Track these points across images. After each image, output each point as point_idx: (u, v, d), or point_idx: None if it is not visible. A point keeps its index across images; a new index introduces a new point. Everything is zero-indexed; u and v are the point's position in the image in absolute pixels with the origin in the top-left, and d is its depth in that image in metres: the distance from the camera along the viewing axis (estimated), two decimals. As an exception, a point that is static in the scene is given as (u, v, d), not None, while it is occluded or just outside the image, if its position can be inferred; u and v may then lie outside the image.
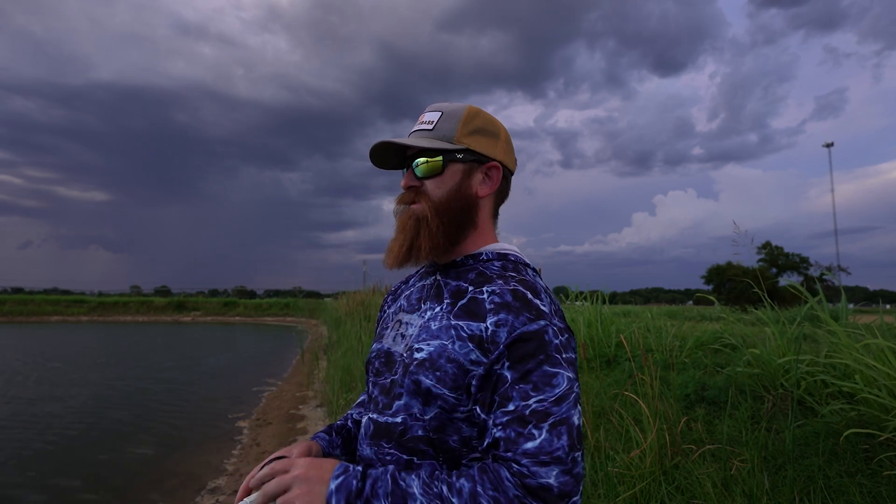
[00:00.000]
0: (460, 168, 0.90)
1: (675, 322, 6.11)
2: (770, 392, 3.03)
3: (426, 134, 0.91)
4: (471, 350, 0.79)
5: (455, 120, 0.91)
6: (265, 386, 9.67)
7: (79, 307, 38.73)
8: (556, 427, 0.72)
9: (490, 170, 0.92)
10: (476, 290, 0.83)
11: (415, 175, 0.91)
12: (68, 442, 6.03)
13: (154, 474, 4.94)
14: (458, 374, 0.79)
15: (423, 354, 0.82)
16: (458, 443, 0.80)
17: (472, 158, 0.91)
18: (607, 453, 2.78)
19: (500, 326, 0.77)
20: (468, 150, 0.90)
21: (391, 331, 0.95)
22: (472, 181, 0.91)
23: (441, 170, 0.90)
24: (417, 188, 0.91)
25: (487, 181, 0.92)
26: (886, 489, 2.01)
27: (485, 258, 0.91)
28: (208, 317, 38.83)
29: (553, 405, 0.73)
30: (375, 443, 0.86)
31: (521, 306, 0.78)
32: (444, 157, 0.89)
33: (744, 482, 2.27)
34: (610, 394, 3.63)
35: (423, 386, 0.80)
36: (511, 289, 0.81)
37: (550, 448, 0.71)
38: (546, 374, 0.75)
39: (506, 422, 0.74)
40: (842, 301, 3.46)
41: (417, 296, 0.95)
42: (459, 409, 0.80)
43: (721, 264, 26.89)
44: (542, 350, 0.76)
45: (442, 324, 0.83)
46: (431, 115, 0.93)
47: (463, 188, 0.90)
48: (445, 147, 0.89)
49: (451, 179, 0.90)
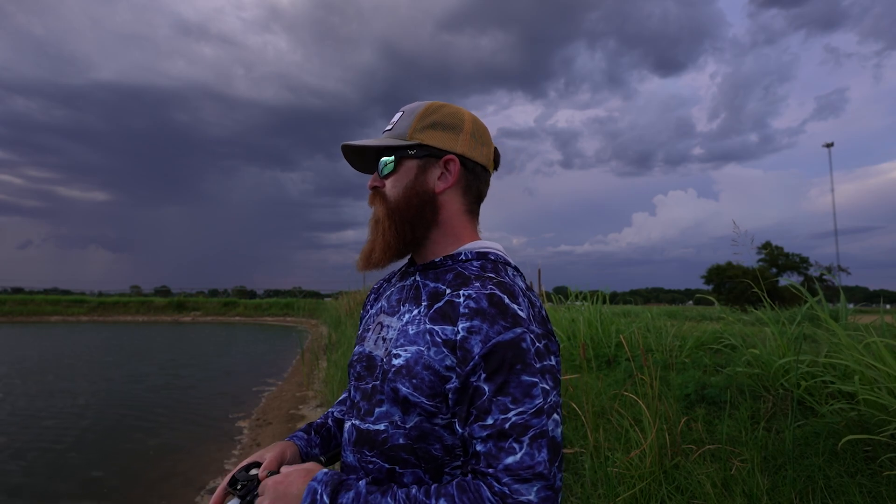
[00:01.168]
0: (414, 164, 0.88)
1: (675, 322, 6.12)
2: (770, 392, 3.03)
3: (388, 134, 0.91)
4: (445, 355, 0.76)
5: (411, 116, 0.89)
6: (265, 386, 9.67)
7: (79, 307, 38.70)
8: (536, 440, 0.71)
9: (448, 163, 0.88)
10: (453, 294, 0.80)
11: (379, 176, 0.91)
12: (67, 442, 6.02)
13: (154, 474, 4.94)
14: (435, 382, 0.76)
15: (401, 361, 0.79)
16: (440, 451, 0.78)
17: (425, 153, 0.87)
18: (607, 453, 2.78)
19: (473, 334, 0.74)
20: (420, 144, 0.87)
21: (372, 333, 0.92)
22: (427, 177, 0.88)
23: (394, 168, 0.88)
24: (377, 189, 0.91)
25: (446, 176, 0.88)
26: (886, 489, 2.01)
27: (463, 258, 0.87)
28: (208, 317, 38.80)
29: (532, 417, 0.71)
30: (358, 450, 0.84)
31: (497, 313, 0.75)
32: (395, 154, 0.88)
33: (744, 482, 2.27)
34: (610, 394, 3.63)
35: (400, 394, 0.78)
36: (487, 293, 0.76)
37: (532, 462, 0.70)
38: (524, 384, 0.72)
39: (485, 436, 0.72)
40: (841, 301, 3.46)
41: (397, 297, 0.92)
42: (439, 417, 0.77)
43: (721, 264, 26.95)
44: (519, 359, 0.73)
45: (419, 328, 0.81)
46: (396, 115, 0.92)
47: (418, 185, 0.87)
48: (397, 143, 0.87)
49: (405, 177, 0.88)
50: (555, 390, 0.76)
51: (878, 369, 2.35)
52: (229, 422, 6.95)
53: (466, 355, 0.74)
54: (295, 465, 0.82)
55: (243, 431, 6.40)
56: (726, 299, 22.55)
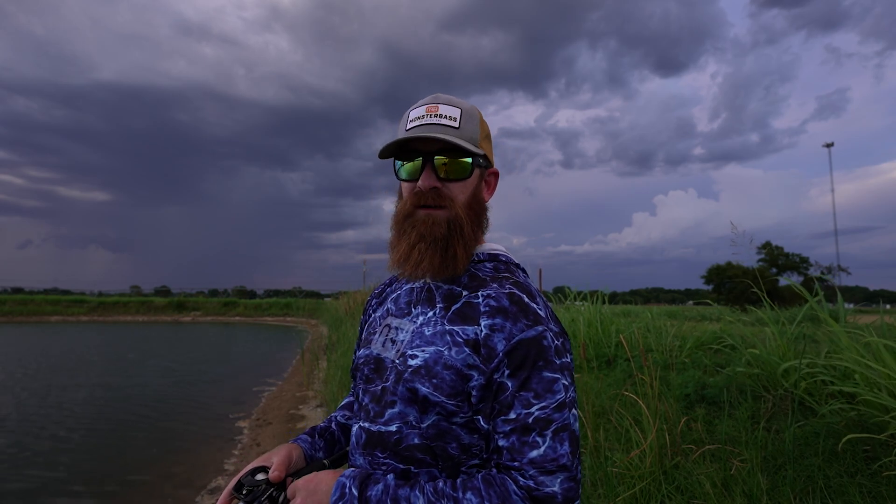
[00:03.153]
0: (478, 173, 0.89)
1: (675, 322, 6.11)
2: (770, 392, 3.03)
3: (452, 133, 0.83)
4: (468, 354, 0.77)
5: (475, 122, 0.87)
6: (265, 386, 9.67)
7: (79, 307, 38.71)
8: (558, 434, 0.73)
9: (490, 176, 0.93)
10: (471, 295, 0.82)
11: (436, 175, 0.84)
12: (67, 442, 6.02)
13: (154, 474, 4.94)
14: (457, 381, 0.77)
15: (419, 361, 0.80)
16: (457, 450, 0.79)
17: (485, 164, 0.90)
18: (607, 453, 2.78)
19: (496, 332, 0.76)
20: (485, 156, 0.88)
21: (379, 336, 0.92)
22: (481, 187, 0.90)
23: (469, 173, 0.86)
24: (439, 190, 0.84)
25: (487, 187, 0.92)
26: (886, 489, 2.01)
27: (476, 259, 0.88)
28: (208, 317, 38.80)
29: (555, 412, 0.74)
30: (369, 452, 0.84)
31: (519, 311, 0.77)
32: (473, 160, 0.86)
33: (744, 482, 2.26)
34: (610, 394, 3.63)
35: (419, 394, 0.78)
36: (507, 292, 0.79)
37: (555, 455, 0.72)
38: (546, 380, 0.75)
39: (508, 430, 0.74)
40: (839, 301, 3.46)
41: (406, 299, 0.91)
42: (458, 416, 0.78)
43: (721, 264, 26.96)
44: (541, 356, 0.76)
45: (436, 329, 0.81)
46: (450, 109, 0.85)
47: (477, 193, 0.89)
48: (474, 150, 0.85)
49: (472, 184, 0.87)
50: (572, 386, 0.78)
51: (877, 370, 2.35)
52: (229, 422, 6.95)
53: (491, 352, 0.76)
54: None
55: (243, 431, 6.40)
56: (726, 299, 22.55)
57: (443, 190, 0.84)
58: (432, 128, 0.83)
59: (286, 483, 0.85)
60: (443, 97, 0.88)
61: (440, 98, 0.88)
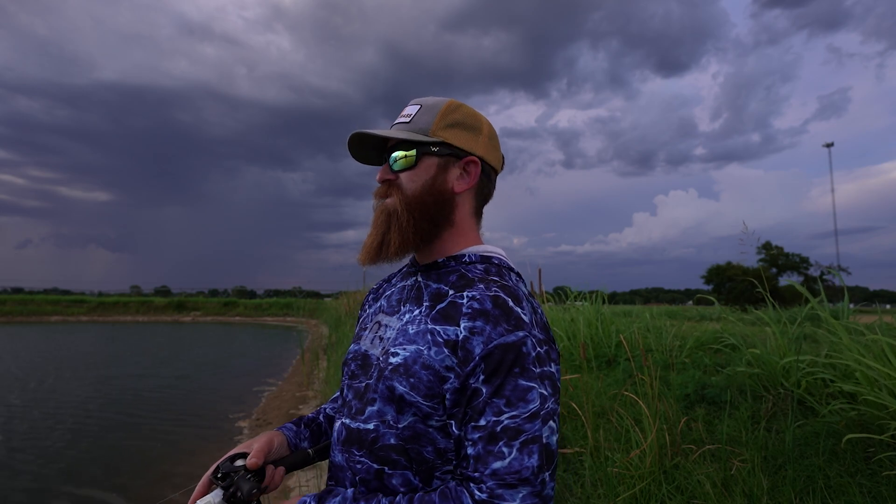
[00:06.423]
0: (435, 162, 0.87)
1: (675, 322, 6.12)
2: (770, 392, 3.03)
3: (404, 127, 0.88)
4: (447, 356, 0.75)
5: (433, 113, 0.88)
6: (265, 386, 9.68)
7: (79, 307, 38.74)
8: (527, 445, 0.70)
9: (468, 165, 0.88)
10: (456, 295, 0.80)
11: (390, 168, 0.88)
12: (68, 442, 6.03)
13: (154, 474, 4.94)
14: (434, 382, 0.75)
15: (398, 359, 0.79)
16: (432, 454, 0.77)
17: (448, 152, 0.87)
18: (607, 453, 2.78)
19: (475, 335, 0.74)
20: (444, 143, 0.87)
21: (369, 332, 0.92)
22: (447, 176, 0.87)
23: (415, 163, 0.86)
24: (391, 181, 0.88)
25: (465, 177, 0.88)
26: (886, 489, 2.01)
27: (467, 260, 0.87)
28: (208, 317, 38.81)
29: (526, 422, 0.70)
30: (347, 449, 0.83)
31: (501, 315, 0.74)
32: (417, 149, 0.86)
33: (744, 482, 2.26)
34: (610, 394, 3.63)
35: (396, 392, 0.77)
36: (492, 295, 0.76)
37: (519, 467, 0.69)
38: (520, 388, 0.71)
39: (476, 438, 0.71)
40: (844, 300, 3.46)
41: (398, 297, 0.91)
42: (434, 418, 0.76)
43: (721, 264, 26.92)
44: (518, 363, 0.72)
45: (419, 328, 0.80)
46: (411, 108, 0.90)
47: (438, 183, 0.87)
48: (420, 139, 0.86)
49: (425, 173, 0.86)
50: (553, 397, 0.75)
51: (878, 369, 2.35)
52: (229, 422, 6.95)
53: (468, 355, 0.74)
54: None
55: (243, 431, 6.41)
56: (726, 299, 22.55)
57: (395, 181, 0.88)
58: (393, 128, 0.89)
59: (265, 470, 0.86)
60: (416, 99, 0.92)
61: (413, 101, 0.92)
